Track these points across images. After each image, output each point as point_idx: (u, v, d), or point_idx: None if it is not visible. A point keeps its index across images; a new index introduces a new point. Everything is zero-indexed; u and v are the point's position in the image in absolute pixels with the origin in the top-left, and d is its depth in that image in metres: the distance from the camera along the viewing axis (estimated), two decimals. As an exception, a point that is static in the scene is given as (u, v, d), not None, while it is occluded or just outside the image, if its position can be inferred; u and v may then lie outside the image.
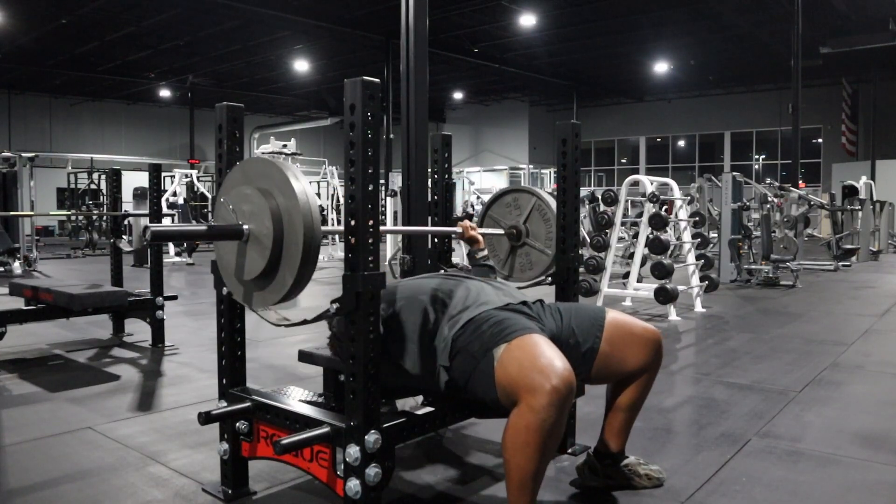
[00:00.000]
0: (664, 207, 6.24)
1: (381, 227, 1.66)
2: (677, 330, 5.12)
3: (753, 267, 8.03)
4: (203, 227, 1.81)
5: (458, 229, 2.44)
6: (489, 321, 1.77)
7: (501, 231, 2.62)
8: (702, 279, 6.24)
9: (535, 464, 1.57)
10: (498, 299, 1.89)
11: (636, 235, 6.23)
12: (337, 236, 12.43)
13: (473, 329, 1.78)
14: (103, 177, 16.64)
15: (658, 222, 5.83)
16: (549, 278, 2.51)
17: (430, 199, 2.82)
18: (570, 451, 2.39)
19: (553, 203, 2.53)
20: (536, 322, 1.86)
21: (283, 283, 1.65)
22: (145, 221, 8.78)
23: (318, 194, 16.09)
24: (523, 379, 1.58)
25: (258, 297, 1.74)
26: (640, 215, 6.35)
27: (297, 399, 2.03)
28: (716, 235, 8.76)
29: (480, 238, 2.43)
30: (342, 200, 2.37)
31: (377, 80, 1.62)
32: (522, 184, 24.46)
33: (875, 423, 2.86)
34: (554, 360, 1.59)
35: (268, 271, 1.67)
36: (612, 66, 20.77)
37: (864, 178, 13.50)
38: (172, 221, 11.81)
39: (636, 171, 23.96)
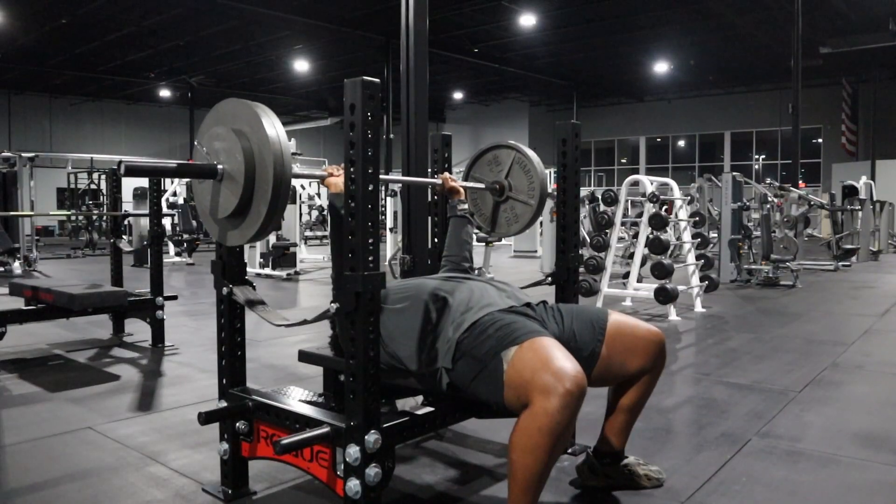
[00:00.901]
0: (664, 207, 6.24)
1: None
2: (677, 330, 5.12)
3: (753, 267, 8.03)
4: (174, 164, 1.88)
5: (438, 181, 2.47)
6: (495, 324, 1.77)
7: (482, 185, 2.61)
8: (702, 279, 6.24)
9: (542, 465, 1.57)
10: (501, 301, 1.89)
11: (636, 235, 6.23)
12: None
13: (479, 332, 1.77)
14: (103, 177, 16.62)
15: (658, 222, 5.83)
16: (549, 278, 2.51)
17: (430, 199, 2.82)
18: (569, 451, 2.39)
19: (532, 154, 2.54)
20: (540, 325, 1.86)
21: (257, 219, 1.69)
22: (145, 221, 8.78)
23: (318, 194, 16.10)
24: (536, 381, 1.58)
25: (233, 235, 1.79)
26: (640, 215, 6.34)
27: (297, 399, 2.03)
28: (716, 235, 8.76)
29: (461, 189, 2.46)
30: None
31: (377, 80, 1.62)
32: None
33: (875, 423, 2.86)
34: (566, 362, 1.59)
35: (241, 208, 1.72)
36: (612, 66, 20.78)
37: (864, 178, 13.49)
38: (172, 221, 11.82)
39: (636, 171, 23.96)
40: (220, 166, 1.74)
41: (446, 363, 1.80)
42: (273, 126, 1.66)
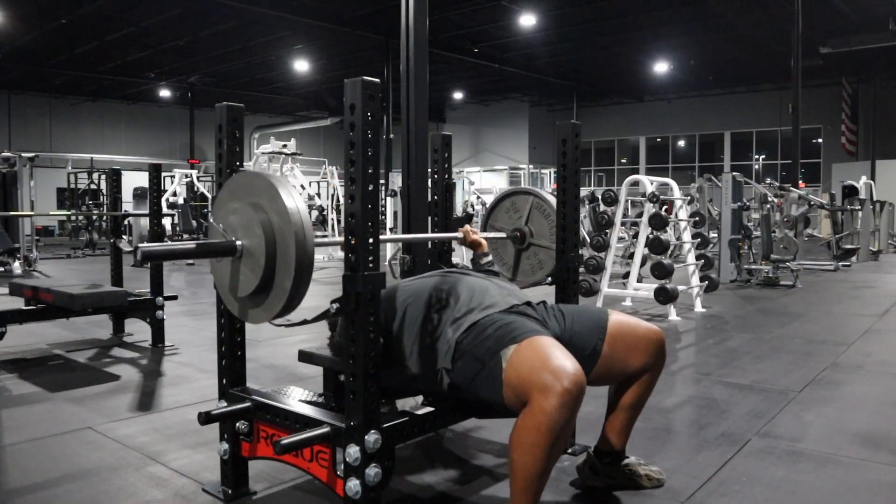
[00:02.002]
0: (664, 207, 6.24)
1: (381, 236, 1.65)
2: (677, 330, 5.12)
3: (753, 267, 8.03)
4: (193, 245, 1.78)
5: (460, 235, 2.40)
6: (494, 324, 1.77)
7: (503, 234, 2.61)
8: (702, 279, 6.24)
9: (542, 464, 1.57)
10: (502, 300, 1.89)
11: (636, 235, 6.23)
12: (337, 236, 12.46)
13: (478, 332, 1.77)
14: (103, 177, 16.63)
15: (658, 222, 5.83)
16: (549, 278, 2.51)
17: (430, 199, 2.82)
18: (569, 451, 2.39)
19: (550, 198, 2.53)
20: (541, 324, 1.86)
21: (279, 299, 1.64)
22: (145, 221, 8.78)
23: (318, 194, 16.10)
24: (535, 380, 1.57)
25: (254, 314, 1.74)
26: (640, 215, 6.34)
27: (297, 399, 2.03)
28: (716, 235, 8.75)
29: (483, 241, 2.40)
30: (342, 200, 2.37)
31: (377, 80, 1.62)
32: (522, 184, 24.50)
33: (875, 423, 2.86)
34: (565, 361, 1.59)
35: (262, 287, 1.66)
36: (612, 66, 20.78)
37: (864, 178, 13.50)
38: (172, 221, 11.83)
39: (636, 171, 23.96)
40: (238, 242, 1.70)
41: (446, 364, 1.80)
42: (291, 197, 1.62)
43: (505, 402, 1.67)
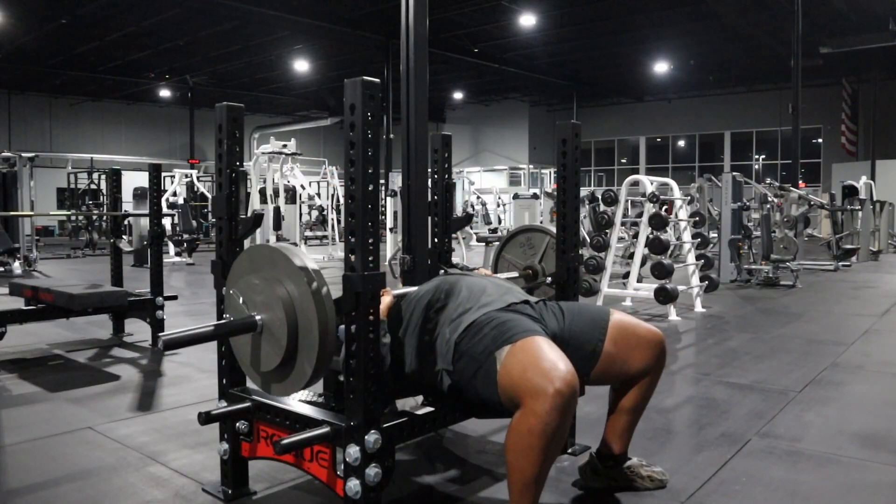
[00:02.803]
0: (664, 207, 6.24)
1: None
2: (677, 330, 5.12)
3: (753, 267, 8.02)
4: (212, 328, 1.76)
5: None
6: (491, 323, 1.76)
7: (516, 274, 2.61)
8: (702, 279, 6.24)
9: (537, 467, 1.56)
10: (500, 298, 1.88)
11: (636, 235, 6.23)
12: (337, 236, 12.46)
13: (475, 332, 1.77)
14: (103, 177, 16.63)
15: (658, 222, 5.83)
16: (549, 278, 2.51)
17: (430, 199, 2.82)
18: (570, 451, 2.39)
19: None
20: (538, 323, 1.85)
21: (303, 374, 1.67)
22: (145, 221, 8.78)
23: (318, 194, 16.10)
24: (526, 382, 1.56)
25: (278, 388, 1.76)
26: (640, 215, 6.34)
27: (297, 399, 2.03)
28: (716, 235, 8.75)
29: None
30: (342, 200, 2.36)
31: (377, 80, 1.62)
32: (522, 185, 24.48)
33: (875, 423, 2.86)
34: (557, 362, 1.58)
35: (285, 362, 1.69)
36: (612, 66, 20.78)
37: (864, 178, 13.50)
38: (172, 221, 11.82)
39: (636, 171, 23.96)
40: (258, 317, 1.72)
41: (446, 365, 1.79)
42: (313, 275, 1.62)
43: (502, 402, 1.67)
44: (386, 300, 1.93)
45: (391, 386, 1.88)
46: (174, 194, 12.76)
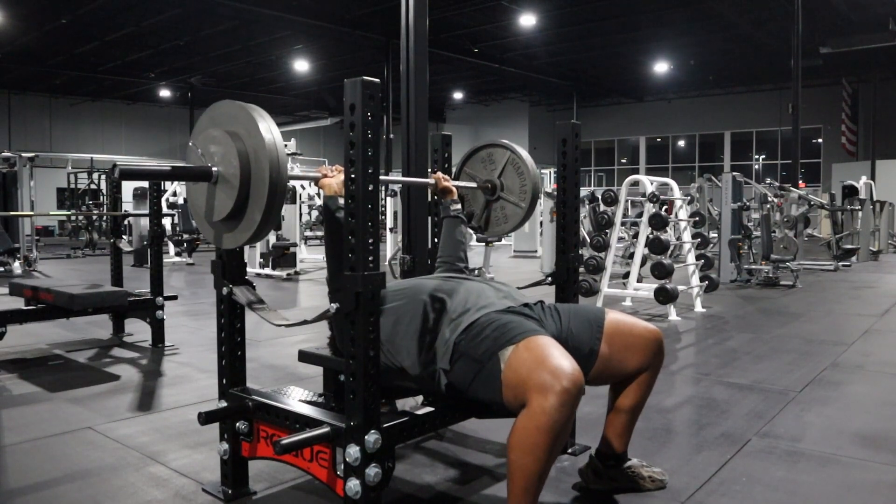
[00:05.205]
0: (664, 207, 6.23)
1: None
2: (677, 330, 5.12)
3: (753, 267, 8.03)
4: (169, 168, 1.89)
5: (432, 181, 2.48)
6: (492, 324, 1.77)
7: (475, 184, 2.61)
8: (702, 279, 6.24)
9: (541, 465, 1.56)
10: (499, 301, 1.88)
11: (636, 235, 6.23)
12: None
13: (476, 333, 1.77)
14: (103, 177, 16.63)
15: (658, 222, 5.83)
16: (549, 278, 2.51)
17: (429, 199, 2.82)
18: (570, 451, 2.39)
19: (527, 156, 2.54)
20: (538, 324, 1.85)
21: (252, 223, 1.70)
22: (145, 221, 8.78)
23: (318, 194, 16.09)
24: (533, 380, 1.57)
25: (228, 238, 1.80)
26: (640, 215, 6.34)
27: (297, 399, 2.03)
28: (716, 235, 8.76)
29: (453, 189, 2.47)
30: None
31: (377, 80, 1.62)
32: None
33: (875, 423, 2.85)
34: (563, 361, 1.59)
35: (236, 211, 1.73)
36: (612, 66, 20.79)
37: (864, 178, 13.50)
38: (172, 221, 11.82)
39: (636, 171, 23.97)
40: (214, 169, 1.75)
41: (444, 364, 1.79)
42: (270, 131, 1.67)
43: (505, 403, 1.67)
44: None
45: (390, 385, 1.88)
46: (174, 194, 12.75)
